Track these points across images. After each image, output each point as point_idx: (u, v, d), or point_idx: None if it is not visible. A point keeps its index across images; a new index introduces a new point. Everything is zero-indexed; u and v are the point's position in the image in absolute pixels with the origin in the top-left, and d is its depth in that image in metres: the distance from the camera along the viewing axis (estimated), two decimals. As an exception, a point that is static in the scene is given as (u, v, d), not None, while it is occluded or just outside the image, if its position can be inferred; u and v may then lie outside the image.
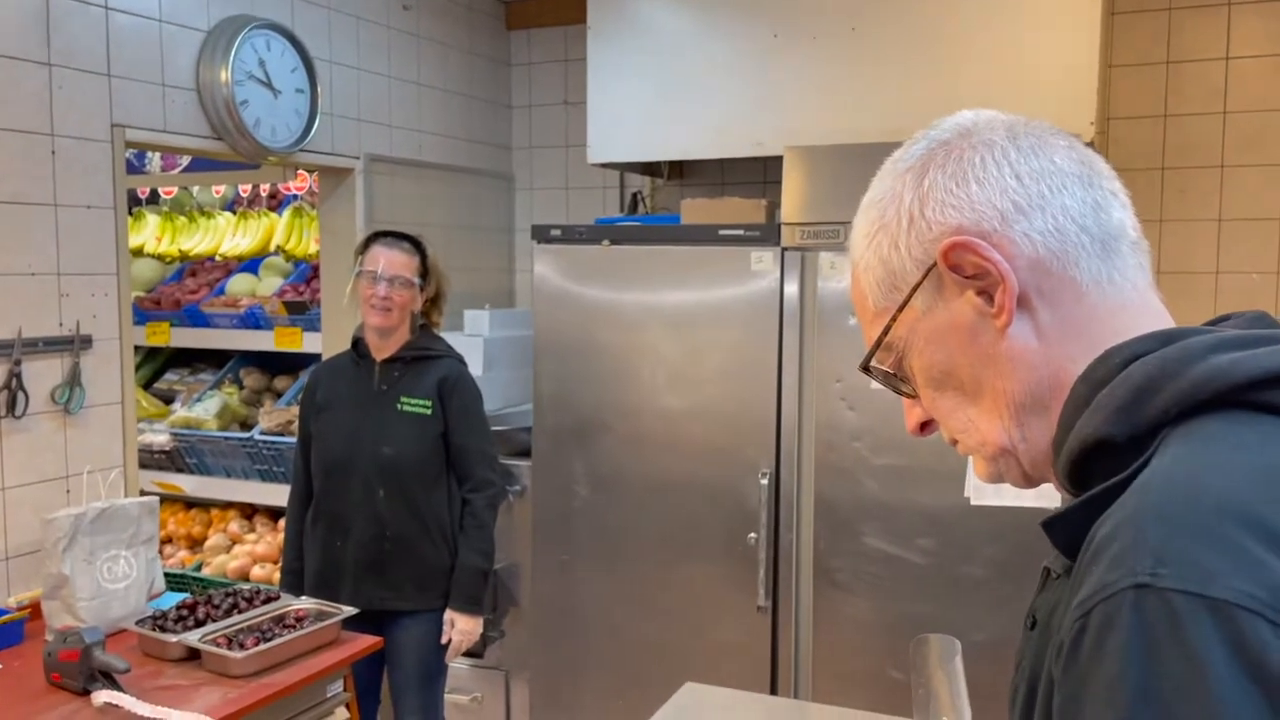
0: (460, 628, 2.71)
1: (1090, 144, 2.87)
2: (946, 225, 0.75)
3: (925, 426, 0.84)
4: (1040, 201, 0.74)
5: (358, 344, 2.78)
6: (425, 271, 2.74)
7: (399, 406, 2.69)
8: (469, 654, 2.84)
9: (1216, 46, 3.18)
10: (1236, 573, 0.56)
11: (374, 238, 2.75)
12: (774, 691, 2.88)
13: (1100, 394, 0.69)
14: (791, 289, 2.83)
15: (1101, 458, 0.69)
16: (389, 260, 2.68)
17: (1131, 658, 0.56)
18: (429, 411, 2.69)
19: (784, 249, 2.83)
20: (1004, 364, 0.75)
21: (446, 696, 2.89)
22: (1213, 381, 0.65)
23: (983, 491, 2.58)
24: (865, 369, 0.83)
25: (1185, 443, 0.65)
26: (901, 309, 0.78)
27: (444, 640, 2.72)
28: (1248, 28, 3.14)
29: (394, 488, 2.67)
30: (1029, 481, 0.80)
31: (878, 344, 0.81)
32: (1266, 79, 3.13)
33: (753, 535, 2.87)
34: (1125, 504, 0.63)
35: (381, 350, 2.73)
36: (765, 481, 2.85)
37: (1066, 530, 0.69)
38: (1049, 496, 0.71)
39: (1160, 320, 0.75)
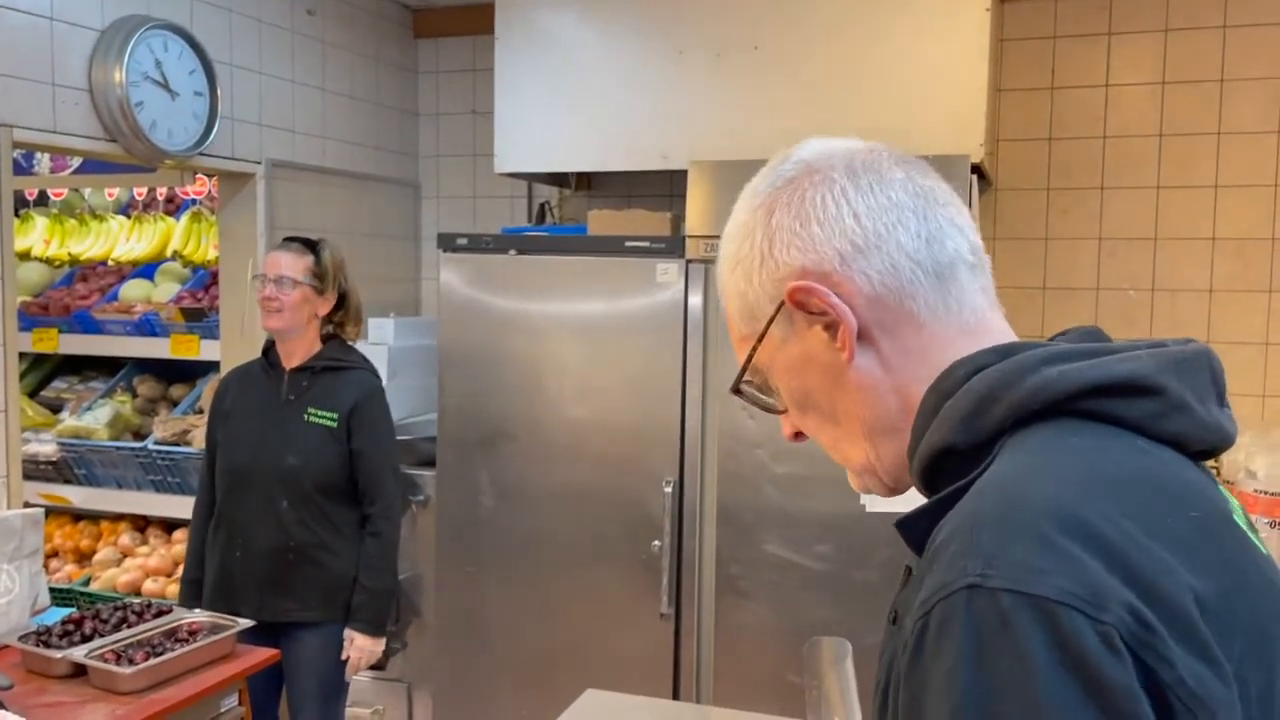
0: (359, 645, 2.68)
1: (979, 164, 2.99)
2: (792, 266, 0.80)
3: (799, 435, 0.88)
4: (877, 240, 0.79)
5: (268, 352, 2.75)
6: (321, 273, 2.71)
7: (306, 416, 2.66)
8: (371, 666, 2.82)
9: (1097, 74, 3.35)
10: (1057, 572, 0.60)
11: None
12: (676, 697, 2.92)
13: (946, 405, 0.74)
14: (695, 300, 2.88)
15: (948, 464, 0.74)
16: (274, 260, 2.67)
17: (965, 653, 0.61)
18: (335, 424, 2.66)
19: (688, 261, 2.88)
20: (853, 392, 0.81)
21: (348, 710, 2.85)
22: (1044, 392, 0.71)
23: (877, 500, 2.66)
24: (736, 391, 0.88)
25: (1018, 450, 0.70)
26: (760, 339, 0.83)
27: (343, 657, 2.68)
28: (1126, 57, 3.32)
29: (298, 498, 2.63)
30: (892, 492, 0.86)
31: (744, 369, 0.86)
32: (1142, 105, 3.31)
33: (656, 543, 2.91)
34: (962, 509, 0.68)
35: (291, 358, 2.70)
36: (669, 490, 2.89)
37: (916, 530, 0.74)
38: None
39: (1000, 337, 0.80)
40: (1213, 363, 0.76)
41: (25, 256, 4.13)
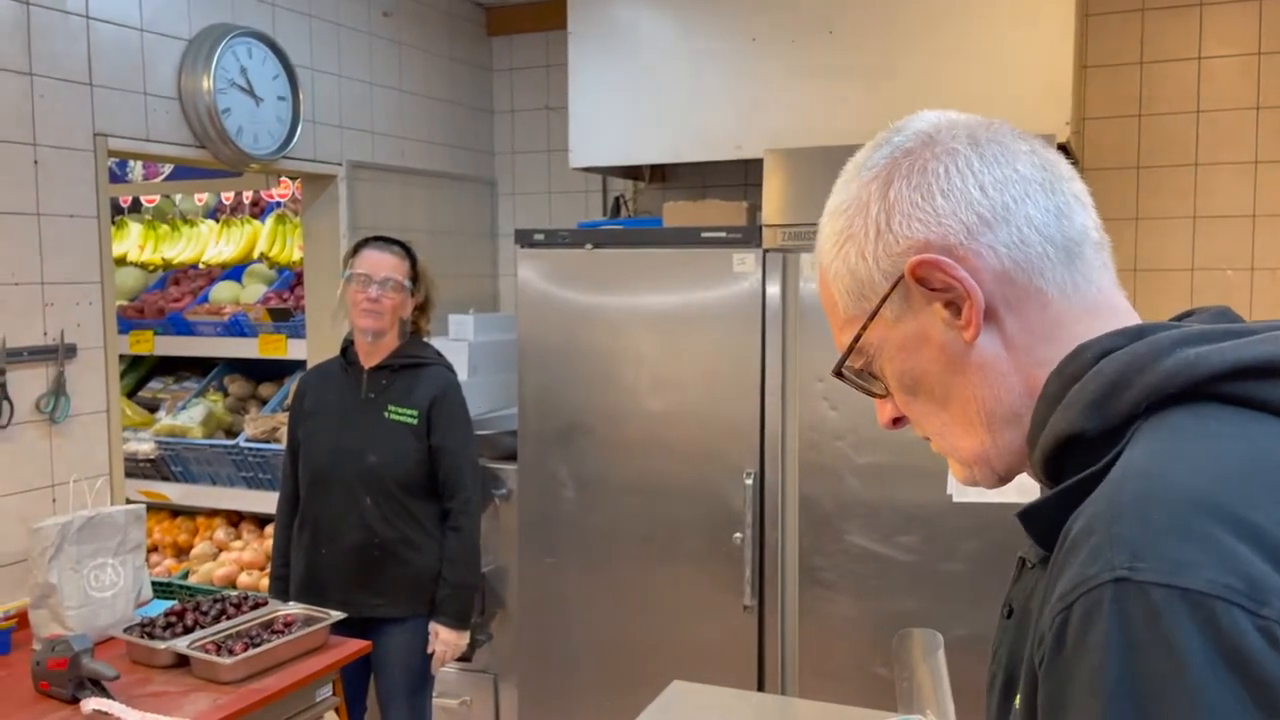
0: (444, 638, 2.72)
1: (1066, 143, 2.89)
2: (913, 240, 0.76)
3: (897, 421, 0.85)
4: (1004, 213, 0.75)
5: (346, 351, 2.79)
6: (415, 276, 2.75)
7: (386, 414, 2.70)
8: (458, 658, 2.86)
9: (1189, 46, 3.22)
10: (1211, 564, 0.57)
11: (364, 243, 2.76)
12: (761, 689, 2.90)
13: (1072, 389, 0.71)
14: (773, 290, 2.85)
15: (1075, 451, 0.70)
16: (380, 262, 2.69)
17: (1113, 650, 0.58)
18: (416, 421, 2.69)
19: (765, 250, 2.85)
20: (973, 373, 0.77)
21: (435, 701, 2.90)
22: (1180, 375, 0.67)
23: (964, 489, 2.61)
24: (839, 374, 0.84)
25: (1155, 435, 0.66)
26: (872, 318, 0.79)
27: (429, 650, 2.73)
28: (1219, 28, 3.19)
29: (380, 495, 2.67)
30: (1002, 481, 0.81)
31: (849, 350, 0.82)
32: (1238, 78, 3.18)
33: (738, 535, 2.89)
34: (1099, 497, 0.64)
35: (370, 357, 2.74)
36: (750, 482, 2.87)
37: (1042, 522, 0.71)
38: (1030, 492, 0.73)
39: (1127, 318, 0.76)
40: None
41: (121, 262, 4.29)
